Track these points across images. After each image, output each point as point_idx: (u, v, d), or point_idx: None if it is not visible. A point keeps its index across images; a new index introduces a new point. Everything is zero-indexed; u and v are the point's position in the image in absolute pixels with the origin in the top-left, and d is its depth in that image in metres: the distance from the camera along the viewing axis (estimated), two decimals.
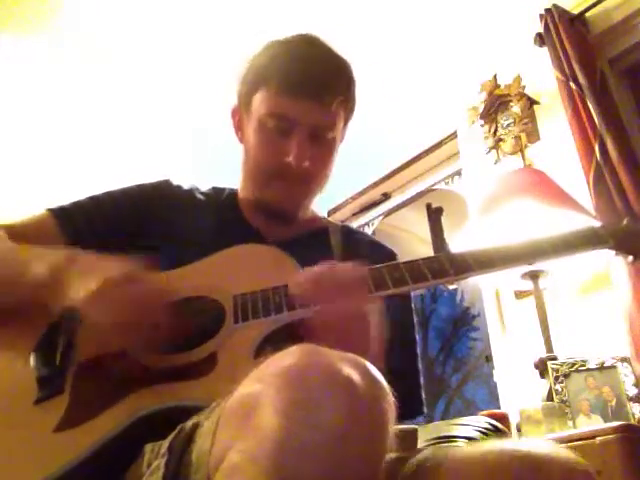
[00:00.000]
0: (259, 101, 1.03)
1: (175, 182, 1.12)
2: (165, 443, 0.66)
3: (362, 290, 0.83)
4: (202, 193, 1.13)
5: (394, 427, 0.54)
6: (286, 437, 0.48)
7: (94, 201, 1.06)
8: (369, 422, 0.51)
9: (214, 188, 1.16)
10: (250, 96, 1.05)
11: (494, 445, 0.66)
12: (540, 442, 0.66)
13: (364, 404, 0.51)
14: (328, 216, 3.14)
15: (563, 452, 0.64)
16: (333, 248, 1.08)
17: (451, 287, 0.93)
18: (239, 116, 1.11)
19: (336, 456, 0.48)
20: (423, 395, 1.05)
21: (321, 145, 1.03)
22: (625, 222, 0.98)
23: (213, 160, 2.88)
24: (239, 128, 1.12)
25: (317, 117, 1.01)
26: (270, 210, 1.07)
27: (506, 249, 0.91)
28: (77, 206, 1.04)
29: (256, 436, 0.49)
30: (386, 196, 3.15)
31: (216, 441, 0.57)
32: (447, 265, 0.86)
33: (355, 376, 0.52)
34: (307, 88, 0.99)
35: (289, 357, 0.54)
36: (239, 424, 0.53)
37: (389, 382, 0.56)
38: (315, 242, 1.10)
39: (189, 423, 0.66)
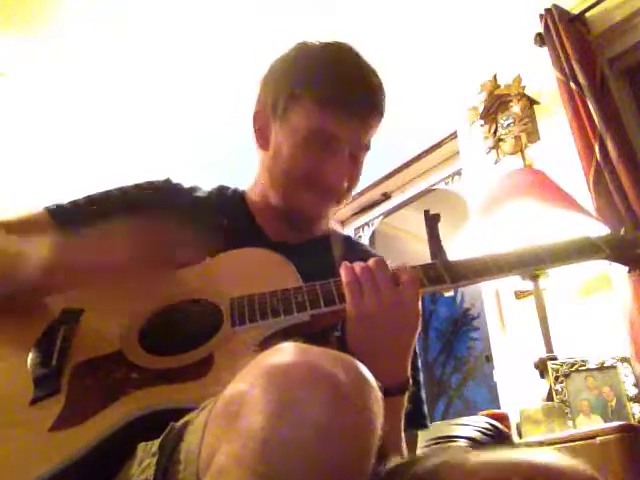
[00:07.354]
0: (301, 113, 1.00)
1: (175, 181, 1.11)
2: (156, 442, 0.66)
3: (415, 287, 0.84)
4: (204, 192, 1.12)
5: (382, 423, 0.53)
6: (269, 436, 0.47)
7: (91, 200, 1.05)
8: (354, 417, 0.50)
9: (219, 186, 1.14)
10: (286, 104, 1.02)
11: (501, 455, 0.65)
12: (546, 452, 0.64)
13: (348, 399, 0.50)
14: None
15: (571, 462, 0.62)
16: (335, 255, 1.08)
17: (446, 294, 0.94)
18: (265, 121, 1.06)
19: (320, 452, 0.47)
20: (426, 409, 1.04)
21: (356, 164, 1.05)
22: (622, 232, 0.98)
23: (215, 162, 2.88)
24: (263, 134, 1.06)
25: (361, 138, 1.02)
26: (291, 217, 1.06)
27: (502, 258, 0.90)
28: (75, 205, 1.03)
29: (241, 437, 0.49)
30: (386, 196, 3.15)
31: (204, 441, 0.57)
32: (443, 272, 0.87)
33: (339, 372, 0.51)
34: (356, 108, 0.99)
35: (273, 356, 0.54)
36: (225, 425, 0.53)
37: None
38: (318, 248, 1.10)
39: (180, 422, 0.66)
